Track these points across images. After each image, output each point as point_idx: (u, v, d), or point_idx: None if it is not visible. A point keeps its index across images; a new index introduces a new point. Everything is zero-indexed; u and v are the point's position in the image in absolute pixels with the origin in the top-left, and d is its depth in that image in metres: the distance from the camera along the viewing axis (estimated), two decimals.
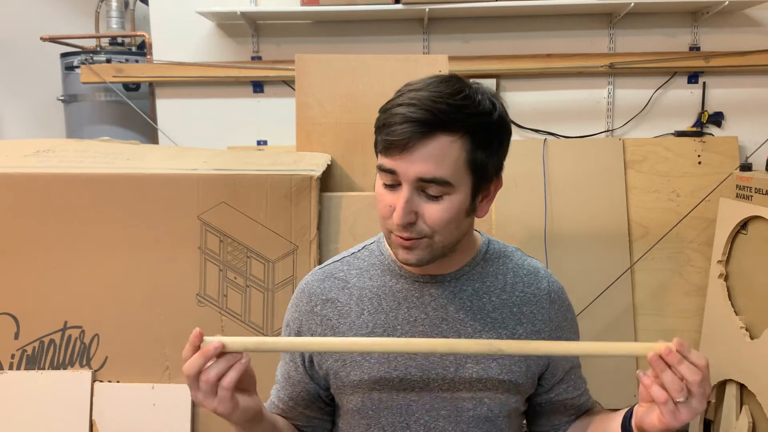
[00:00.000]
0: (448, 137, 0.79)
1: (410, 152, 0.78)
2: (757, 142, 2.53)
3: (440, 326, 0.91)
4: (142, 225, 1.55)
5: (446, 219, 0.82)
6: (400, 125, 0.78)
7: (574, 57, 2.50)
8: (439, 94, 0.79)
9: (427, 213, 0.81)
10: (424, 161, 0.78)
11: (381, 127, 0.81)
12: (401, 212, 0.80)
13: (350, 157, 1.77)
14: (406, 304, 0.92)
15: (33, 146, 1.69)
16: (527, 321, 0.93)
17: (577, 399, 1.01)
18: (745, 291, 2.10)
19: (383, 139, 0.80)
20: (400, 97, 0.81)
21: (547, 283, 0.98)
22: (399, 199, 0.80)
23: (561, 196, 2.45)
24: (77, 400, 1.55)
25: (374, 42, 2.56)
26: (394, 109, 0.80)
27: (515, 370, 0.92)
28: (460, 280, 0.93)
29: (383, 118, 0.81)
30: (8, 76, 3.26)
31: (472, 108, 0.80)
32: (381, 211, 0.85)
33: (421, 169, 0.78)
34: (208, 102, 2.62)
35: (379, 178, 0.84)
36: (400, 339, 0.89)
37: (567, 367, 0.98)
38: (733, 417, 2.08)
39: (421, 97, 0.78)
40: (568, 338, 0.99)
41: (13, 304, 1.55)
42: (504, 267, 0.97)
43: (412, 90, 0.81)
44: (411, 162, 0.78)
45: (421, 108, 0.77)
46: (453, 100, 0.79)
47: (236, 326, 1.56)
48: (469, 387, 0.90)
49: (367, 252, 0.98)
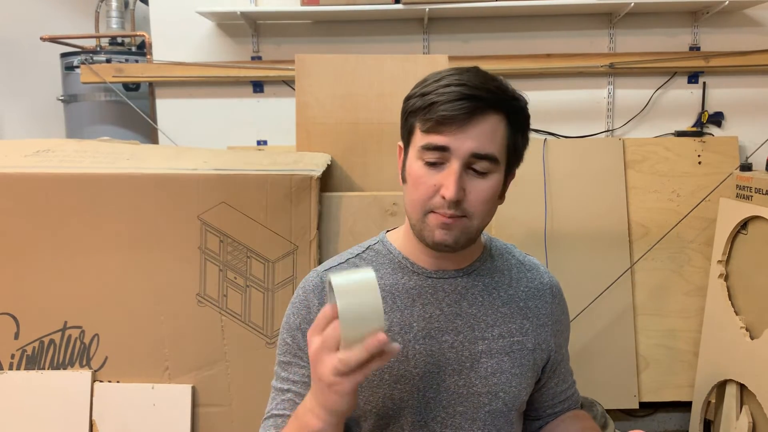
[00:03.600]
0: (497, 116, 0.83)
1: (466, 128, 0.81)
2: (757, 142, 2.53)
3: (455, 321, 0.92)
4: (142, 225, 1.55)
5: (489, 197, 0.85)
6: (457, 101, 0.80)
7: (574, 57, 2.50)
8: (484, 77, 0.83)
9: (474, 190, 0.83)
10: (479, 137, 0.81)
11: (427, 107, 0.82)
12: (454, 187, 0.81)
13: (350, 157, 1.77)
14: (420, 300, 0.92)
15: (33, 146, 1.69)
16: (533, 315, 0.96)
17: (564, 393, 1.04)
18: (745, 291, 2.10)
19: (436, 116, 0.81)
20: (438, 81, 0.83)
21: (548, 278, 1.01)
22: (449, 175, 0.82)
23: (561, 196, 2.45)
24: (77, 400, 1.55)
25: (374, 42, 2.56)
26: (442, 89, 0.81)
27: (524, 363, 0.94)
28: (471, 275, 0.94)
29: (429, 99, 0.82)
30: (8, 76, 3.26)
31: (511, 93, 0.85)
32: (422, 193, 0.84)
33: (476, 144, 0.81)
34: (208, 102, 2.62)
35: (418, 159, 0.85)
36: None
37: (559, 359, 1.01)
38: (733, 417, 2.08)
39: (469, 79, 0.82)
40: (564, 331, 1.02)
41: (13, 304, 1.56)
42: (508, 263, 0.99)
43: (449, 75, 0.83)
44: (466, 137, 0.81)
45: (474, 87, 0.81)
46: (497, 84, 0.84)
47: (236, 326, 1.56)
48: (484, 381, 0.91)
49: (372, 252, 0.97)
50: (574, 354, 1.55)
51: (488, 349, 0.92)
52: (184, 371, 1.56)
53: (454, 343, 0.91)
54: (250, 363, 1.56)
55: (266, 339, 1.57)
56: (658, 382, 2.43)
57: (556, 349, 0.99)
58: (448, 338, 0.91)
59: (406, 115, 0.87)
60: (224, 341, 1.56)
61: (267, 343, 1.57)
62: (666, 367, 2.43)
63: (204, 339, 1.56)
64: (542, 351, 0.96)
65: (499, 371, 0.92)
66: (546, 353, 0.97)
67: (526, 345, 0.94)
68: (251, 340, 1.57)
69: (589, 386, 1.07)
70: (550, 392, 1.03)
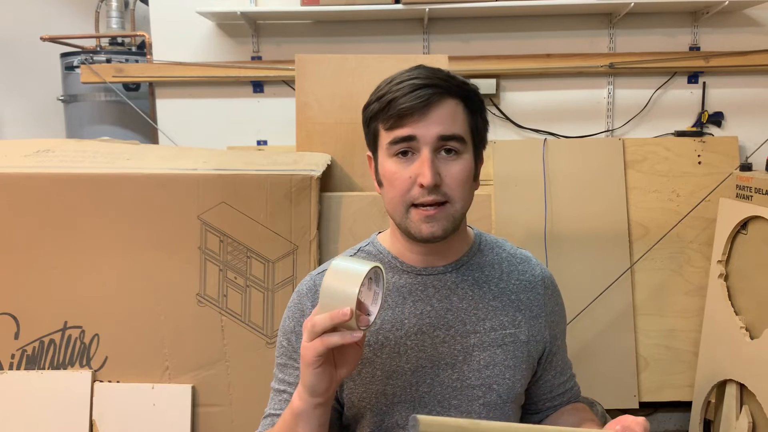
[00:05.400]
0: (453, 100, 0.87)
1: (428, 114, 0.84)
2: (757, 142, 2.53)
3: (446, 317, 0.93)
4: (142, 225, 1.55)
5: (464, 178, 0.87)
6: (413, 92, 0.84)
7: (574, 57, 2.50)
8: (432, 70, 0.88)
9: (449, 174, 0.86)
10: (442, 121, 0.85)
11: (385, 106, 0.86)
12: (429, 172, 0.83)
13: (350, 157, 1.77)
14: (411, 298, 0.93)
15: (33, 146, 1.69)
16: (525, 308, 0.97)
17: (563, 386, 1.04)
18: (745, 291, 2.10)
19: (397, 110, 0.84)
20: (390, 82, 0.87)
21: (540, 270, 1.02)
22: (422, 163, 0.84)
23: (561, 196, 2.45)
24: (77, 400, 1.55)
25: (374, 42, 2.56)
26: (396, 86, 0.85)
27: (519, 355, 0.94)
28: (460, 270, 0.95)
29: (386, 98, 0.86)
30: (8, 76, 3.26)
31: (461, 80, 0.89)
32: (399, 188, 0.86)
33: (440, 128, 0.85)
34: (208, 102, 2.62)
35: (389, 157, 0.88)
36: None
37: (554, 351, 1.01)
38: (733, 417, 2.08)
39: (419, 73, 0.86)
40: (559, 322, 1.03)
41: (13, 304, 1.56)
42: (498, 257, 1.00)
43: (400, 74, 0.88)
44: (430, 123, 0.84)
45: (426, 78, 0.85)
46: (445, 73, 0.88)
47: (236, 326, 1.57)
48: (477, 374, 0.92)
49: (363, 254, 0.99)
50: (574, 354, 1.55)
51: (480, 342, 0.93)
52: (184, 371, 1.56)
53: (446, 338, 0.92)
54: (250, 363, 1.56)
55: (266, 339, 1.57)
56: (658, 382, 2.43)
57: (551, 340, 0.99)
58: (439, 333, 0.92)
59: (367, 122, 0.91)
60: (224, 341, 1.56)
61: (267, 343, 1.57)
62: (666, 367, 2.43)
63: (204, 339, 1.56)
64: (537, 343, 0.97)
65: (492, 363, 0.93)
66: (541, 345, 0.98)
67: (519, 337, 0.95)
68: (251, 340, 1.57)
69: (589, 386, 1.07)
70: (548, 385, 1.03)
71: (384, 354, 0.92)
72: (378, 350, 0.92)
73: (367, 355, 0.92)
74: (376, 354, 0.92)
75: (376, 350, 0.92)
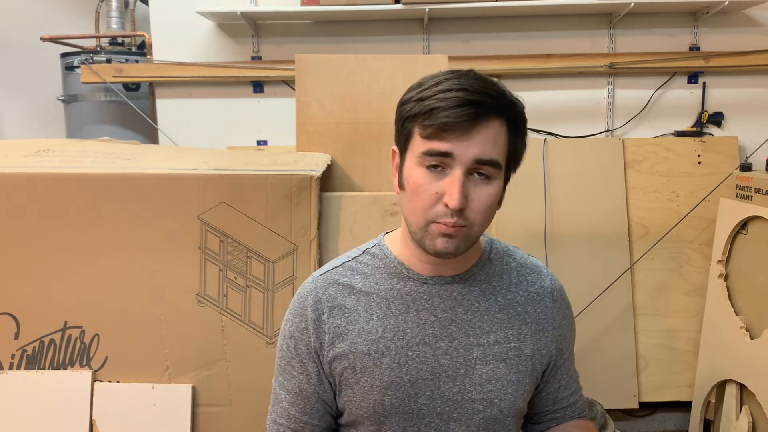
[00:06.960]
0: (499, 121, 0.82)
1: (470, 133, 0.79)
2: (757, 142, 2.53)
3: (449, 328, 0.91)
4: (142, 225, 1.55)
5: (490, 204, 0.84)
6: (460, 107, 0.78)
7: (574, 57, 2.50)
8: (483, 82, 0.82)
9: (477, 198, 0.82)
10: (483, 143, 0.80)
11: (426, 112, 0.80)
12: (458, 195, 0.79)
13: (350, 157, 1.77)
14: (415, 306, 0.91)
15: (33, 146, 1.69)
16: (532, 320, 0.94)
17: (567, 399, 1.02)
18: (745, 291, 2.10)
19: (438, 122, 0.79)
20: (437, 86, 0.81)
21: (550, 281, 0.99)
22: (452, 183, 0.80)
23: (561, 196, 2.45)
24: (77, 400, 1.55)
25: (374, 42, 2.56)
26: (442, 94, 0.80)
27: (522, 369, 0.92)
28: (467, 281, 0.93)
29: (428, 104, 0.80)
30: (8, 76, 3.26)
31: (510, 98, 0.83)
32: (423, 201, 0.82)
33: (480, 150, 0.80)
34: (208, 102, 2.62)
35: (419, 166, 0.83)
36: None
37: (559, 364, 0.99)
38: (733, 417, 2.08)
39: (469, 84, 0.80)
40: (567, 335, 1.00)
41: (13, 304, 1.56)
42: (508, 266, 0.97)
43: (448, 80, 0.81)
44: (470, 143, 0.80)
45: (476, 92, 0.79)
46: (497, 88, 0.82)
47: (236, 326, 1.57)
48: (479, 389, 0.90)
49: (369, 256, 0.96)
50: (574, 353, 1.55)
51: (483, 356, 0.90)
52: (184, 371, 1.56)
53: (449, 350, 0.90)
54: (250, 363, 1.56)
55: (266, 339, 1.57)
56: (658, 382, 2.43)
57: (557, 354, 0.97)
58: (442, 345, 0.90)
59: (402, 121, 0.85)
60: (224, 341, 1.56)
61: (267, 343, 1.57)
62: (666, 367, 2.43)
63: (204, 339, 1.56)
64: (542, 357, 0.95)
65: (495, 378, 0.90)
66: (546, 359, 0.95)
67: (523, 351, 0.92)
68: (251, 340, 1.57)
69: (589, 386, 1.06)
70: (550, 398, 1.01)
71: (384, 364, 0.89)
72: (378, 360, 0.89)
73: (367, 365, 0.89)
74: (376, 364, 0.89)
75: (376, 360, 0.89)
